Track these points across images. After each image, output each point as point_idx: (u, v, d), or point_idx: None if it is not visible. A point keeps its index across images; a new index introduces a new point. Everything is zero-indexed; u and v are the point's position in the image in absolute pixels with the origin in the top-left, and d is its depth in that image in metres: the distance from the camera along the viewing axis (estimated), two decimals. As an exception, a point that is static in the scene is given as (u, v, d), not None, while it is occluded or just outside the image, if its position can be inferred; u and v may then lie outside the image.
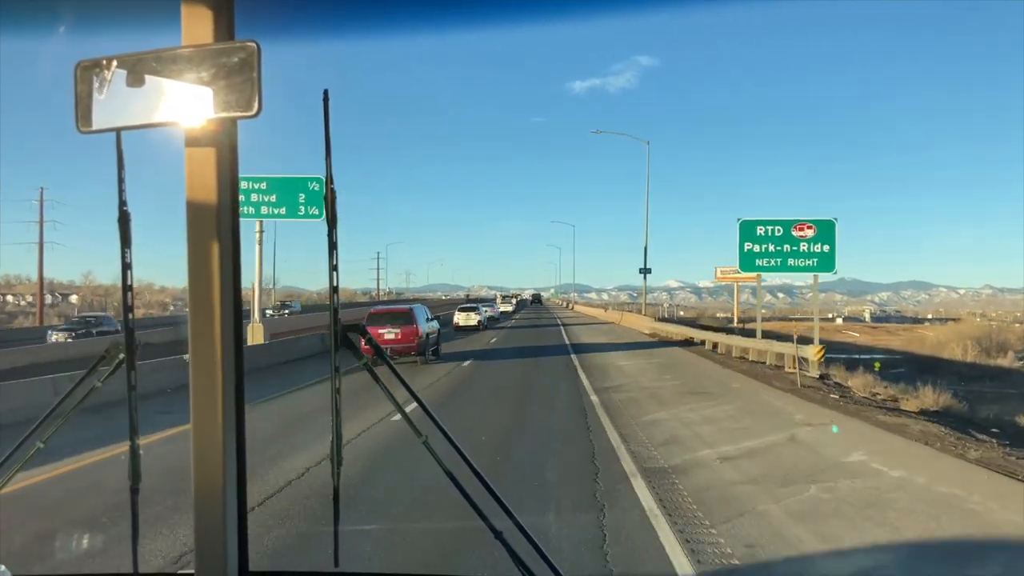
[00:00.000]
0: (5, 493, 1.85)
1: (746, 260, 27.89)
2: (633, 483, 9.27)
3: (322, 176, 1.79)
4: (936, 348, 46.77)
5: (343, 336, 1.78)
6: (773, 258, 27.43)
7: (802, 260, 27.25)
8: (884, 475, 9.70)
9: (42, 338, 38.35)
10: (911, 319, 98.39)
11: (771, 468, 10.13)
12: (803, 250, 27.15)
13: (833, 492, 8.83)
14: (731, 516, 7.88)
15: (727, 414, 14.98)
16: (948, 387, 20.89)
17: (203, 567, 1.70)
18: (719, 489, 9.05)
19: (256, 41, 1.53)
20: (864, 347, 50.99)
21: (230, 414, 1.70)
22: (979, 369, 36.55)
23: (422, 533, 7.32)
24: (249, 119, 1.56)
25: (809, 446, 11.64)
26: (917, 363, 41.19)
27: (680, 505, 8.31)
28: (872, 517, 7.84)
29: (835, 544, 7.06)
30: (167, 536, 6.57)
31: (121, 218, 1.70)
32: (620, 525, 7.50)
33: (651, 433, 12.76)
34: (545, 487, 9.17)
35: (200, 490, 1.69)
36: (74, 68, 1.58)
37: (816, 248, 27.09)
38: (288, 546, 6.49)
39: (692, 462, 10.56)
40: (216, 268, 1.67)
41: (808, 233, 27.10)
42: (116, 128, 1.61)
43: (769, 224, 27.67)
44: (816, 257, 27.11)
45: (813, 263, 27.17)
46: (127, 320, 1.75)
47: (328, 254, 1.77)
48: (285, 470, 9.83)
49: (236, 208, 1.73)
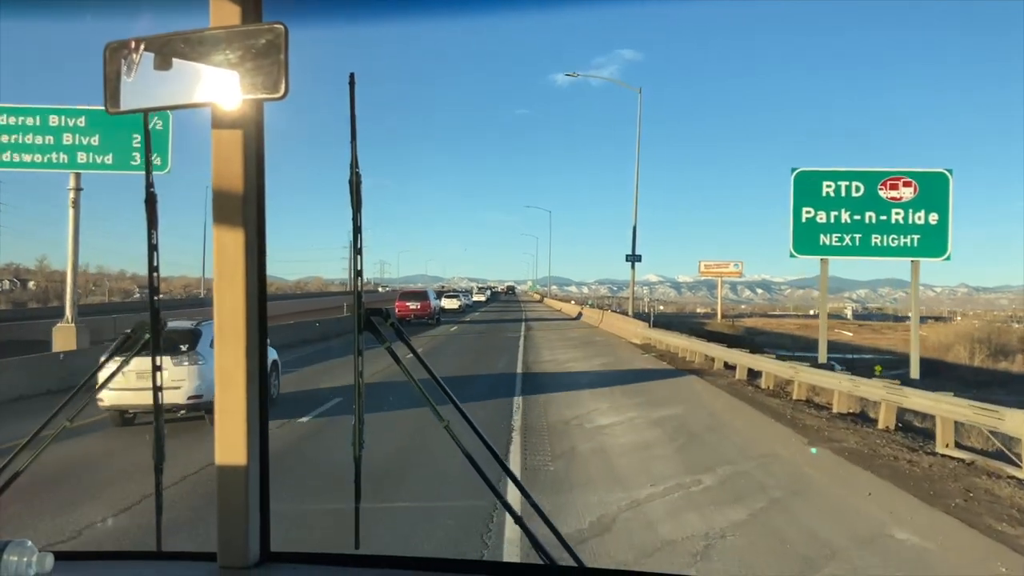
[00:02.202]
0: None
1: (803, 237, 18.81)
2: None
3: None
4: (938, 350, 43.62)
5: (366, 320, 1.79)
6: (848, 233, 18.50)
7: (895, 238, 18.43)
8: None
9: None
10: (892, 317, 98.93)
11: None
12: (897, 221, 18.30)
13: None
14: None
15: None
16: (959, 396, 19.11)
17: (226, 547, 1.71)
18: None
19: (283, 23, 1.53)
20: (858, 347, 48.51)
21: (253, 398, 1.71)
22: (986, 374, 32.77)
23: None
24: (276, 101, 1.57)
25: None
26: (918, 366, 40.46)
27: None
28: None
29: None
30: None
31: (148, 199, 1.70)
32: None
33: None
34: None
35: (223, 472, 1.70)
36: (103, 49, 1.57)
37: (917, 218, 18.19)
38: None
39: None
40: (242, 251, 1.67)
41: (905, 194, 18.09)
42: (144, 109, 1.61)
43: (843, 178, 18.58)
44: (917, 232, 18.25)
45: (913, 242, 18.38)
46: (152, 301, 1.75)
47: (352, 238, 1.78)
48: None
49: (262, 190, 1.73)
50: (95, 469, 9.23)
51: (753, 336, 51.88)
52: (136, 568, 1.82)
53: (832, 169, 18.77)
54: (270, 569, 1.74)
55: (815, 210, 18.68)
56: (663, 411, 13.82)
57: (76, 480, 8.66)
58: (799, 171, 18.83)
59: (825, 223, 18.61)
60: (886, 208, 18.28)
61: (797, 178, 18.83)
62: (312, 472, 8.79)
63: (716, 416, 13.84)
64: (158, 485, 1.84)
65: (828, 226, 18.60)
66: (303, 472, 8.73)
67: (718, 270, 77.86)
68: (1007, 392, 24.57)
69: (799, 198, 18.81)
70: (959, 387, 26.47)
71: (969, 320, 71.08)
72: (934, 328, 65.44)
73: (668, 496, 8.20)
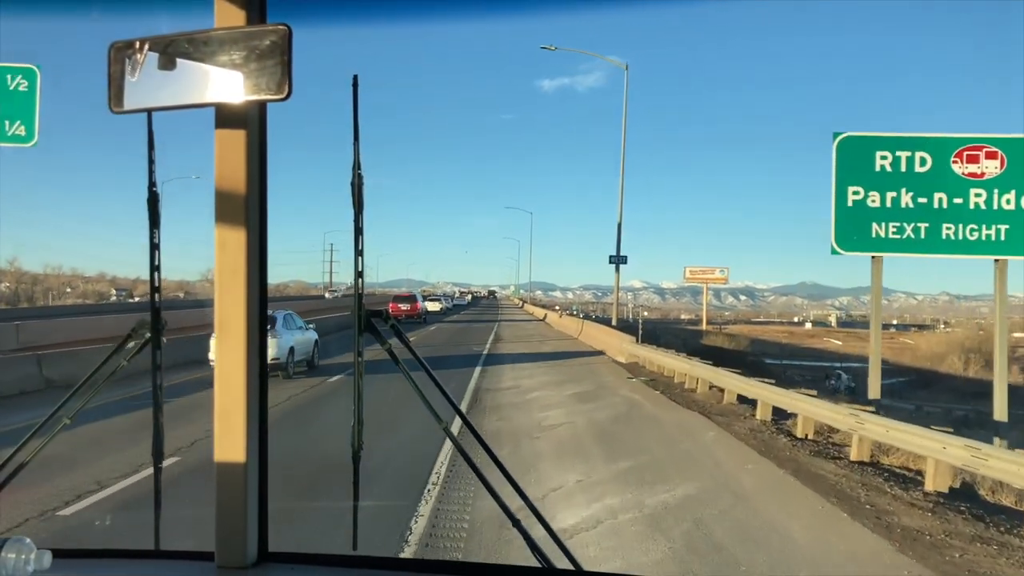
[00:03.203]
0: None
1: (850, 227, 14.27)
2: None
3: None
4: (931, 360, 42.14)
5: (367, 321, 1.80)
6: (910, 222, 13.98)
7: (974, 229, 13.79)
8: None
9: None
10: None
11: None
12: (977, 205, 13.74)
13: None
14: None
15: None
16: (951, 408, 18.29)
17: (224, 547, 1.71)
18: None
19: (288, 24, 1.54)
20: (850, 356, 47.57)
21: (253, 398, 1.71)
22: (980, 385, 31.32)
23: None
24: (279, 102, 1.58)
25: None
26: (910, 376, 38.75)
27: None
28: None
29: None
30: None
31: (151, 199, 1.70)
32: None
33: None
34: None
35: (222, 471, 1.70)
36: (108, 48, 1.58)
37: (1005, 202, 13.65)
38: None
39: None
40: (243, 251, 1.68)
41: (989, 168, 13.64)
42: (148, 108, 1.62)
43: (903, 147, 14.14)
44: (1005, 221, 13.70)
45: (999, 235, 13.73)
46: (153, 300, 1.76)
47: (354, 239, 1.79)
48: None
49: (265, 191, 1.74)
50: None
51: (758, 351, 48.95)
52: (133, 567, 1.82)
53: (889, 135, 14.30)
54: (268, 569, 1.75)
55: (865, 191, 14.07)
56: (663, 493, 8.62)
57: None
58: (844, 136, 14.29)
59: (879, 208, 14.01)
60: (961, 187, 13.66)
61: (841, 147, 14.19)
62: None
63: (748, 503, 8.57)
64: (157, 483, 1.84)
65: (883, 212, 14.00)
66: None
67: (704, 276, 78.01)
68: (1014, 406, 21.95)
69: (843, 174, 14.14)
70: (954, 399, 25.51)
71: (964, 329, 69.18)
72: (923, 337, 63.94)
73: None
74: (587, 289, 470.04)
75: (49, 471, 8.29)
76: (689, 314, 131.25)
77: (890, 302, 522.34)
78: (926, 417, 34.80)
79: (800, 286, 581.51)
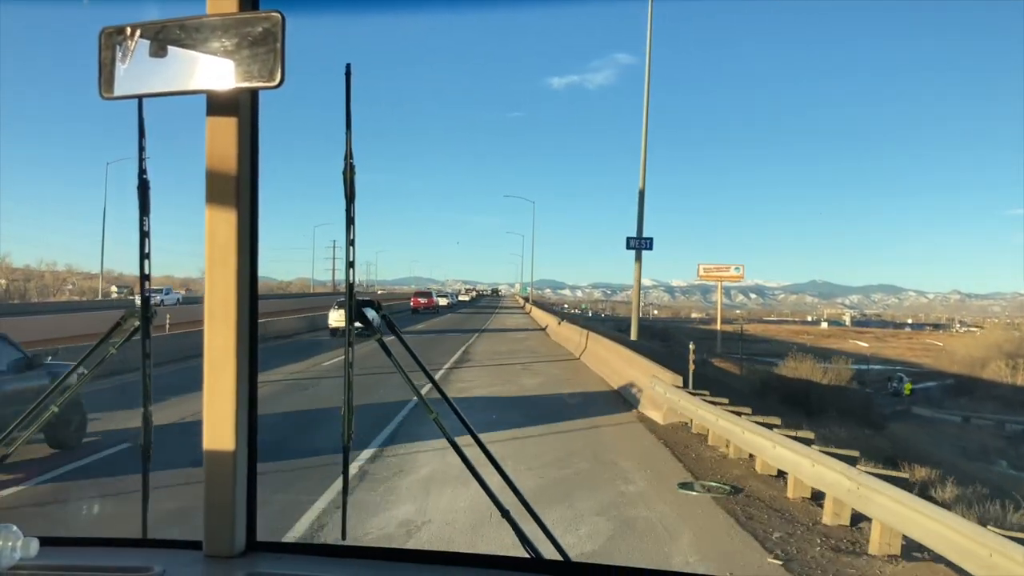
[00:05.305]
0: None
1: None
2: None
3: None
4: (969, 365, 39.53)
5: (357, 312, 1.79)
6: None
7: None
8: None
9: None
10: (892, 323, 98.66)
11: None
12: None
13: None
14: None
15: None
16: (1004, 420, 16.81)
17: (212, 536, 1.71)
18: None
19: (280, 12, 1.53)
20: (878, 359, 44.16)
21: (243, 388, 1.71)
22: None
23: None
24: (271, 90, 1.56)
25: None
26: (944, 380, 36.41)
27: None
28: None
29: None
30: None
31: (141, 186, 1.70)
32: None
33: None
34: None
35: (211, 459, 1.69)
36: (98, 34, 1.57)
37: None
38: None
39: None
40: (234, 237, 1.67)
41: None
42: (138, 95, 1.60)
43: None
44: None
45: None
46: (143, 289, 1.75)
47: (346, 229, 1.78)
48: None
49: (256, 178, 1.73)
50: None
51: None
52: (121, 555, 1.81)
53: None
54: (255, 559, 1.74)
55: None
56: None
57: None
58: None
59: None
60: None
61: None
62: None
63: None
64: (145, 472, 1.84)
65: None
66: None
67: (718, 274, 74.94)
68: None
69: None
70: (1000, 408, 23.34)
71: (992, 329, 64.26)
72: (952, 338, 59.05)
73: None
74: (596, 287, 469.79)
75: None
76: (700, 313, 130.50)
77: (900, 300, 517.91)
78: (978, 431, 32.73)
79: (810, 284, 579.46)
